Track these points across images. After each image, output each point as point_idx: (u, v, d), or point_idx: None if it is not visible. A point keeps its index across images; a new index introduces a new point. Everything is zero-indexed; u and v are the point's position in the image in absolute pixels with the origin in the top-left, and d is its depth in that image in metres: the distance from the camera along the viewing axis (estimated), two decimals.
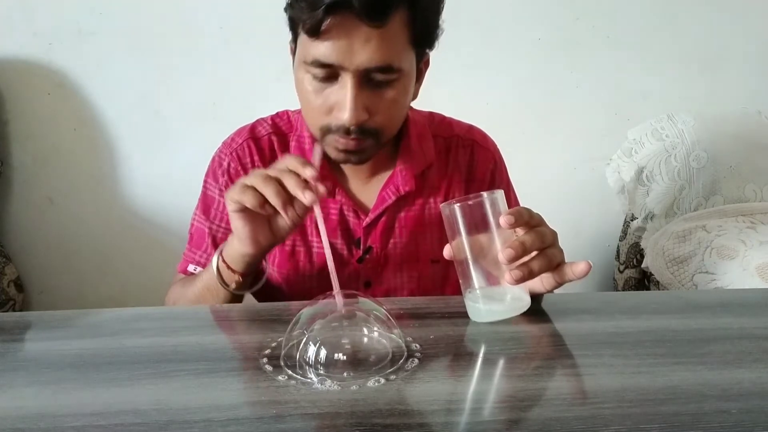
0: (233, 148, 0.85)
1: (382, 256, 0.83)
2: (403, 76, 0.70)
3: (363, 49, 0.65)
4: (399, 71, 0.69)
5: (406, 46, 0.69)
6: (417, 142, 0.84)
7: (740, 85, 1.74)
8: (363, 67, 0.66)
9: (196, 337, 0.59)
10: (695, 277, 1.35)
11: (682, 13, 1.68)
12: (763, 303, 0.67)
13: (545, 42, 1.66)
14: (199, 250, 0.86)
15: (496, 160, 0.90)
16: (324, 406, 0.44)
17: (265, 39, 1.55)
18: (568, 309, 0.64)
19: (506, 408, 0.45)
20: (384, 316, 0.54)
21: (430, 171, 0.85)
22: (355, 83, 0.67)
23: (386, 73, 0.68)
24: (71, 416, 0.43)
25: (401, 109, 0.75)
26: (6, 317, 0.65)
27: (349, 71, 0.66)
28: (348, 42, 0.65)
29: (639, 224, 1.63)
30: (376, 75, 0.68)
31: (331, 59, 0.66)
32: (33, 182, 1.66)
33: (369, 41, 0.65)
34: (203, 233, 0.86)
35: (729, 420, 0.42)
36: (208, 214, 0.86)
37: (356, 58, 0.66)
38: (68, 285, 1.74)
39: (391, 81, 0.69)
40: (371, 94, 0.69)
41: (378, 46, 0.65)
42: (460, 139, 0.88)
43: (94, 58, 1.58)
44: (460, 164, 0.88)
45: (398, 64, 0.68)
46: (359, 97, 0.68)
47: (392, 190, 0.82)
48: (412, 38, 0.69)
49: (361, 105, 0.68)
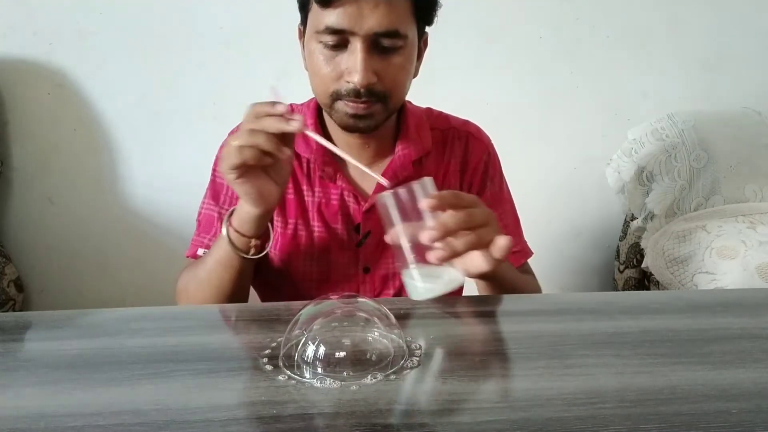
0: None
1: (380, 241, 0.85)
2: (407, 44, 0.75)
3: (372, 15, 0.70)
4: (404, 38, 0.74)
5: (409, 16, 0.75)
6: (415, 131, 0.88)
7: (740, 85, 1.74)
8: (372, 32, 0.71)
9: (196, 337, 0.59)
10: (695, 277, 1.35)
11: (682, 13, 1.68)
12: (763, 303, 0.67)
13: (545, 42, 1.66)
14: (208, 234, 0.87)
15: (490, 152, 0.94)
16: (324, 406, 0.44)
17: (265, 39, 1.55)
18: (568, 309, 0.64)
19: (506, 408, 0.45)
20: (384, 315, 0.54)
21: (428, 159, 0.89)
22: (364, 47, 0.72)
23: (393, 38, 0.73)
24: (71, 416, 0.44)
25: (406, 77, 0.79)
26: (6, 317, 0.65)
27: (358, 36, 0.71)
28: (357, 8, 0.70)
29: (639, 224, 1.63)
30: (383, 40, 0.73)
31: (342, 25, 0.71)
32: (33, 182, 1.66)
33: (377, 7, 0.71)
34: (212, 218, 0.87)
35: (729, 420, 0.42)
36: (218, 200, 0.88)
37: (366, 23, 0.71)
38: (68, 285, 1.74)
39: (397, 48, 0.74)
40: (379, 59, 0.74)
41: (386, 12, 0.71)
42: (456, 131, 0.92)
43: (94, 58, 1.57)
44: (456, 153, 0.91)
45: (404, 31, 0.74)
46: (368, 60, 0.72)
47: (390, 175, 0.84)
48: (415, 10, 0.75)
49: (370, 68, 0.72)
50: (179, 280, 0.85)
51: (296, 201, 0.86)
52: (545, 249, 1.62)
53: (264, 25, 1.54)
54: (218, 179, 0.88)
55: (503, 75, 1.68)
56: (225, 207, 0.87)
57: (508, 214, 0.95)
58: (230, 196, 0.87)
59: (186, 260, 0.89)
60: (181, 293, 0.83)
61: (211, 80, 1.61)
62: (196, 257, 0.86)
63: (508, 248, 0.64)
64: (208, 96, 1.62)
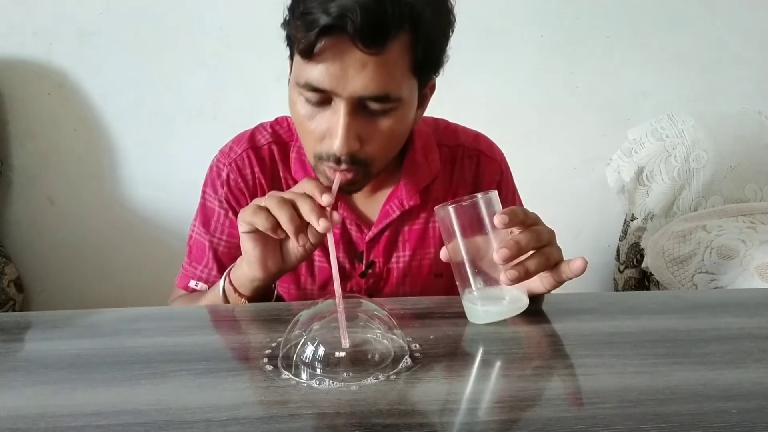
0: (232, 158, 0.82)
1: (384, 271, 0.82)
2: (401, 106, 0.66)
3: (357, 76, 0.61)
4: (397, 100, 0.65)
5: (406, 73, 0.64)
6: (422, 155, 0.82)
7: (740, 85, 1.74)
8: (357, 95, 0.62)
9: (196, 337, 0.59)
10: (695, 277, 1.35)
11: (682, 13, 1.68)
12: (763, 303, 0.67)
13: (545, 42, 1.66)
14: (200, 264, 0.84)
15: (503, 170, 0.88)
16: (324, 406, 0.44)
17: (265, 40, 1.54)
18: (568, 309, 0.64)
19: (506, 408, 0.45)
20: (385, 316, 0.54)
21: (435, 184, 0.83)
22: (347, 111, 0.63)
23: (382, 103, 0.64)
24: (71, 416, 0.43)
25: (397, 139, 0.71)
26: (6, 317, 0.65)
27: (342, 98, 0.62)
28: (342, 67, 0.60)
29: (639, 224, 1.63)
30: (371, 104, 0.63)
31: (324, 84, 0.62)
32: (33, 182, 1.66)
33: (365, 67, 0.60)
34: (203, 246, 0.83)
35: (729, 420, 0.42)
36: (208, 227, 0.83)
37: (350, 85, 0.61)
38: (68, 285, 1.74)
39: (387, 110, 0.65)
40: (365, 123, 0.65)
41: (374, 74, 0.61)
42: (466, 150, 0.86)
43: (94, 58, 1.58)
44: (466, 176, 0.85)
45: (396, 94, 0.64)
46: (351, 125, 0.63)
47: (396, 204, 0.80)
48: (414, 65, 0.64)
49: (353, 134, 0.64)
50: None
51: None
52: None
53: (264, 25, 1.54)
54: (208, 203, 0.84)
55: (503, 75, 1.68)
56: (216, 235, 0.83)
57: None
58: (222, 224, 0.83)
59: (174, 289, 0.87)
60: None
61: (211, 80, 1.61)
62: (188, 289, 0.84)
63: (583, 270, 0.60)
64: (208, 96, 1.62)
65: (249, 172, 0.82)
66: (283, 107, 0.91)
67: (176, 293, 0.86)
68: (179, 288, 0.86)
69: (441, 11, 0.67)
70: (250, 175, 0.82)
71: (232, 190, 0.82)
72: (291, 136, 0.84)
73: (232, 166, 0.82)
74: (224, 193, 0.82)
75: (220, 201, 0.83)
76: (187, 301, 0.80)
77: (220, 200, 0.83)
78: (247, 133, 0.85)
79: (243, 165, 0.82)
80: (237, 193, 0.82)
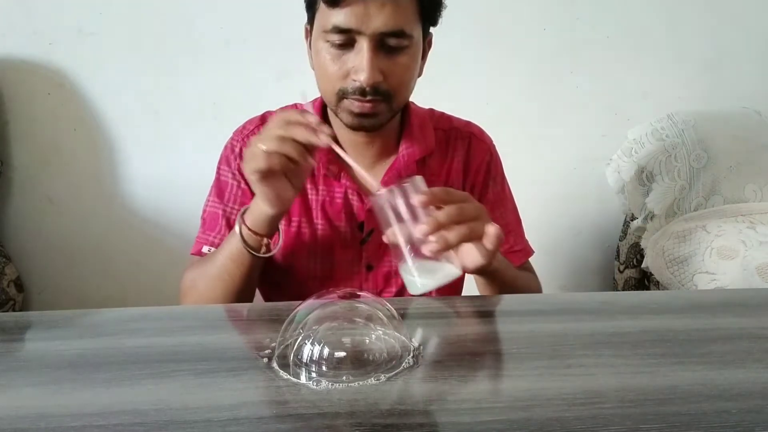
0: (245, 135, 0.88)
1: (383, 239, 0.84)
2: (413, 44, 0.77)
3: (378, 15, 0.72)
4: (410, 38, 0.75)
5: (415, 16, 0.76)
6: (419, 131, 0.89)
7: (740, 85, 1.74)
8: (379, 31, 0.72)
9: (196, 337, 0.59)
10: (695, 277, 1.35)
11: (682, 13, 1.68)
12: (763, 303, 0.67)
13: (545, 42, 1.66)
14: (212, 231, 0.87)
15: (492, 152, 0.95)
16: (324, 406, 0.44)
17: (265, 39, 1.55)
18: (568, 309, 0.64)
19: (506, 408, 0.45)
20: (386, 315, 0.54)
21: (431, 158, 0.90)
22: (371, 46, 0.73)
23: (399, 38, 0.74)
24: (71, 416, 0.44)
25: (411, 76, 0.80)
26: (6, 317, 0.65)
27: (365, 35, 0.72)
28: (365, 8, 0.71)
29: (639, 224, 1.63)
30: (389, 40, 0.74)
31: (350, 24, 0.72)
32: (33, 182, 1.66)
33: (384, 7, 0.72)
34: (217, 215, 0.87)
35: (729, 420, 0.42)
36: (222, 197, 0.88)
37: (372, 23, 0.72)
38: (68, 285, 1.74)
39: (403, 47, 0.75)
40: (385, 59, 0.75)
41: (392, 12, 0.72)
42: (459, 132, 0.93)
43: (94, 58, 1.57)
44: (459, 154, 0.92)
45: (410, 31, 0.75)
46: (375, 59, 0.73)
47: (395, 174, 0.85)
48: (420, 11, 0.76)
49: (376, 67, 0.74)
50: (185, 278, 0.84)
51: (300, 199, 0.86)
52: (545, 249, 1.62)
53: (264, 25, 1.54)
54: (222, 177, 0.89)
55: (503, 75, 1.68)
56: (230, 205, 0.87)
57: (509, 213, 0.96)
58: (235, 194, 0.88)
59: (189, 258, 0.89)
60: (188, 290, 0.82)
61: (211, 80, 1.61)
62: (202, 254, 0.86)
63: (499, 237, 0.65)
64: (208, 96, 1.62)
65: None
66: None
67: (191, 261, 0.88)
68: (193, 255, 0.88)
69: None
70: None
71: None
72: None
73: (244, 141, 0.88)
74: (237, 164, 0.87)
75: (233, 173, 0.88)
76: (203, 263, 0.82)
77: (233, 173, 0.88)
78: (258, 115, 0.91)
79: None
80: None
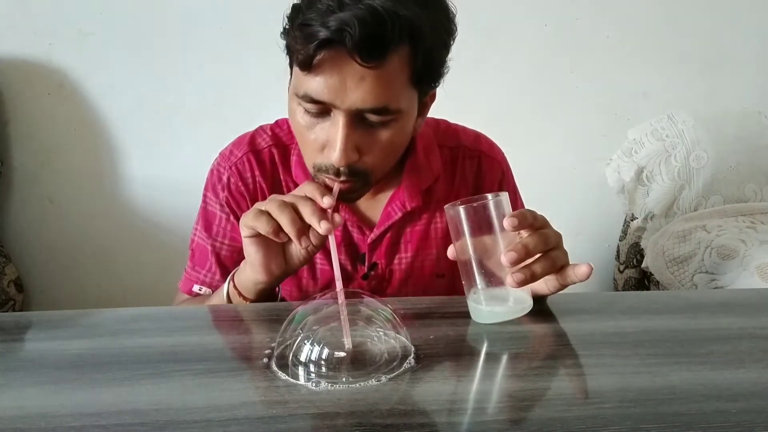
0: (233, 162, 0.82)
1: (387, 272, 0.82)
2: (400, 117, 0.66)
3: (356, 89, 0.61)
4: (396, 112, 0.64)
5: (405, 85, 0.64)
6: (423, 157, 0.81)
7: (740, 85, 1.74)
8: (355, 108, 0.62)
9: (196, 337, 0.59)
10: (695, 277, 1.35)
11: (682, 13, 1.68)
12: (763, 303, 0.67)
13: (545, 42, 1.66)
14: (203, 269, 0.83)
15: (504, 170, 0.88)
16: (324, 406, 0.44)
17: (266, 39, 1.54)
18: (568, 309, 0.64)
19: (506, 408, 0.45)
20: (388, 315, 0.54)
21: (437, 185, 0.83)
22: (346, 123, 0.62)
23: (381, 115, 0.64)
24: (71, 416, 0.43)
25: (396, 149, 0.71)
26: (6, 317, 0.65)
27: (340, 110, 0.62)
28: (340, 80, 0.60)
29: (639, 224, 1.63)
30: (369, 116, 0.63)
31: (322, 96, 0.62)
32: (33, 182, 1.66)
33: (363, 80, 0.60)
34: (206, 251, 0.83)
35: (729, 420, 0.42)
36: (210, 231, 0.83)
37: (348, 98, 0.61)
38: (68, 285, 1.74)
39: (386, 122, 0.65)
40: (364, 134, 0.65)
41: (373, 87, 0.61)
42: (467, 150, 0.86)
43: (94, 58, 1.58)
44: (467, 176, 0.85)
45: (395, 106, 0.64)
46: (350, 137, 0.63)
47: (398, 206, 0.80)
48: (413, 77, 0.64)
49: (351, 146, 0.64)
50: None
51: None
52: None
53: (264, 25, 1.54)
54: (210, 207, 0.83)
55: (503, 75, 1.68)
56: (218, 239, 0.83)
57: None
58: (224, 228, 0.83)
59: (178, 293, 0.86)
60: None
61: (211, 80, 1.61)
62: (191, 293, 0.84)
63: (588, 276, 0.61)
64: (208, 96, 1.62)
65: (249, 176, 0.82)
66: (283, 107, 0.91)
67: (180, 298, 0.86)
68: (183, 292, 0.85)
69: (441, 21, 0.66)
70: (251, 178, 0.82)
71: (233, 194, 0.82)
72: (291, 138, 0.83)
73: (232, 170, 0.82)
74: (225, 197, 0.82)
75: (221, 205, 0.82)
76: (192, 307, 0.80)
77: (221, 204, 0.82)
78: (247, 136, 0.85)
79: (243, 168, 0.82)
80: (238, 197, 0.82)
